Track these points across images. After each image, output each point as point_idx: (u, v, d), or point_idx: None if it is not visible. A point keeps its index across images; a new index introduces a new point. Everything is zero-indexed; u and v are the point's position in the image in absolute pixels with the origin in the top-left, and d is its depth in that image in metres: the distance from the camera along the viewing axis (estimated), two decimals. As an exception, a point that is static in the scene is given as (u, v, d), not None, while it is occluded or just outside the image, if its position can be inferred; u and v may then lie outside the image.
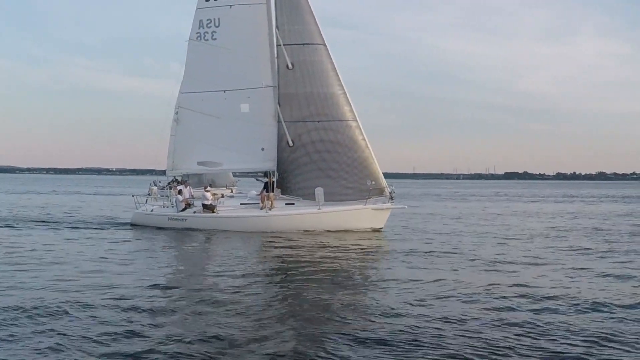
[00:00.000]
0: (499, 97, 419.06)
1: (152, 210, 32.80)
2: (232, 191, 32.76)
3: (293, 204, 30.59)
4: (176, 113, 62.85)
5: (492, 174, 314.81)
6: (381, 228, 30.43)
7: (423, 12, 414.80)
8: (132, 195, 35.13)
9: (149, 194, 36.82)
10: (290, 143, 30.84)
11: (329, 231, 29.19)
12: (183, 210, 31.30)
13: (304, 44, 30.84)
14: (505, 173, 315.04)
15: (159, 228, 30.97)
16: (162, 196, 36.00)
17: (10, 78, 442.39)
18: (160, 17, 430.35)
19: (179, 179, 61.73)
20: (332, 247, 24.66)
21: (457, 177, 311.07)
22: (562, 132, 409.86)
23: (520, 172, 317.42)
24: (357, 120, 30.85)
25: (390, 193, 30.79)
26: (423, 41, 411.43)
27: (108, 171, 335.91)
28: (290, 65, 30.78)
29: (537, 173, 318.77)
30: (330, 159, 30.63)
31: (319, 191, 29.89)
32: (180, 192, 32.25)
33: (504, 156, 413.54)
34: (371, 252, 24.74)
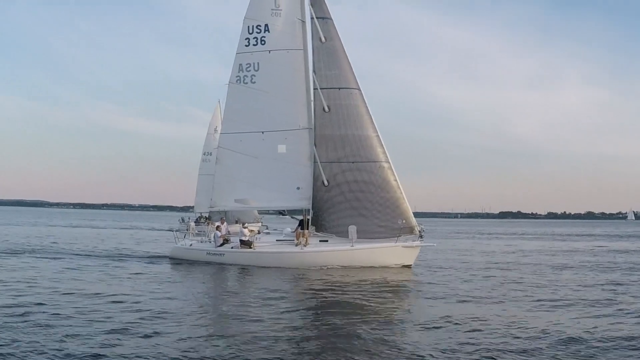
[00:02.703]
0: (490, 141, 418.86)
1: (191, 245, 31.70)
2: (267, 227, 31.75)
3: (327, 240, 29.56)
4: (204, 154, 63.23)
5: (487, 213, 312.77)
6: (410, 265, 29.32)
7: (419, 61, 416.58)
8: (172, 231, 34.14)
9: (187, 230, 35.69)
10: (326, 183, 29.95)
11: (361, 267, 28.10)
12: (221, 245, 30.24)
13: (339, 88, 30.08)
14: (500, 212, 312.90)
15: (198, 262, 29.94)
16: (200, 232, 34.92)
17: (39, 118, 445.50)
18: (177, 65, 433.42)
19: (206, 215, 61.27)
20: (363, 282, 23.74)
21: (455, 215, 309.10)
22: (550, 174, 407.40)
23: (514, 211, 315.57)
24: (389, 162, 30.00)
25: (419, 231, 29.85)
26: (419, 87, 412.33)
27: (131, 207, 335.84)
28: (326, 108, 30.00)
29: (530, 212, 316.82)
30: (363, 198, 29.69)
31: (352, 229, 28.90)
32: (217, 227, 31.23)
33: (498, 196, 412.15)
34: (400, 287, 23.85)
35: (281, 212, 33.39)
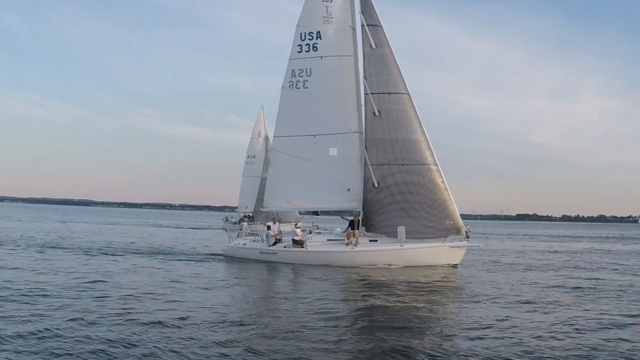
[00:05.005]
0: (511, 147, 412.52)
1: (244, 244, 30.90)
2: (318, 227, 30.93)
3: (376, 240, 28.61)
4: (248, 157, 62.71)
5: (505, 215, 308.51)
6: (457, 264, 28.30)
7: (444, 72, 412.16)
8: (225, 230, 33.49)
9: (240, 229, 34.92)
10: (376, 184, 28.97)
11: (409, 266, 27.15)
12: (273, 244, 29.42)
13: (389, 93, 29.08)
14: (518, 215, 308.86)
15: (251, 260, 29.16)
16: (252, 232, 34.15)
17: (87, 125, 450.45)
18: (216, 74, 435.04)
19: (248, 214, 60.64)
20: (412, 281, 22.93)
21: (475, 217, 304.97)
22: (567, 179, 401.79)
23: (530, 214, 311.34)
24: (437, 165, 28.96)
25: (466, 232, 28.83)
26: (443, 97, 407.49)
27: (171, 206, 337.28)
28: (377, 113, 29.02)
29: (545, 215, 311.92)
30: (412, 200, 28.67)
31: (401, 229, 27.86)
32: (268, 227, 30.38)
33: (516, 199, 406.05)
34: (447, 285, 22.87)
35: (315, 213, 32.60)
